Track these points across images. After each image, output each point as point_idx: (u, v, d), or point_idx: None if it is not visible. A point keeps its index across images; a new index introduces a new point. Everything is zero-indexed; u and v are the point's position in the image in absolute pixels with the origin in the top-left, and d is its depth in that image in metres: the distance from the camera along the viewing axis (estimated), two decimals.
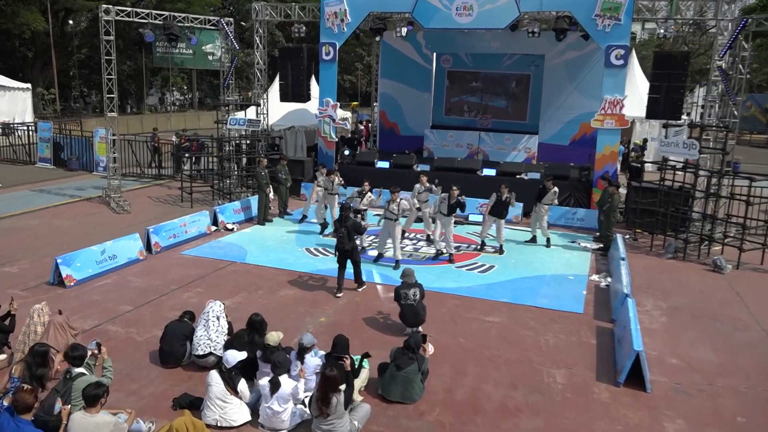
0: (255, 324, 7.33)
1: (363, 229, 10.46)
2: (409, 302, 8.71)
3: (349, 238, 10.01)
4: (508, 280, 11.56)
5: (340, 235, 9.92)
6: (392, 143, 22.77)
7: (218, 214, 14.69)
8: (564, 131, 21.08)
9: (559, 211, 16.31)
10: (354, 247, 10.25)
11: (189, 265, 11.87)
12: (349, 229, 10.00)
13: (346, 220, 10.09)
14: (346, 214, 10.23)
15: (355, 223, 10.29)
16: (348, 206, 10.55)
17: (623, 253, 11.79)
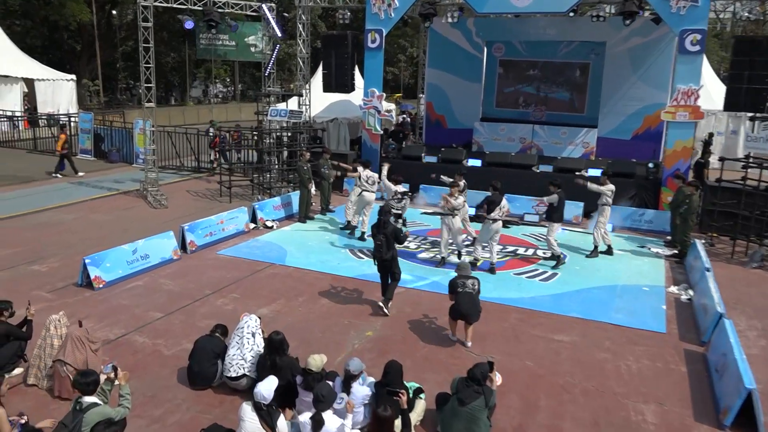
0: (274, 344, 6.37)
1: (404, 237, 9.04)
2: (468, 290, 8.02)
3: (388, 247, 8.75)
4: (576, 291, 10.35)
5: (378, 243, 8.77)
6: (439, 137, 21.62)
7: (257, 211, 13.85)
8: (626, 125, 19.54)
9: (625, 211, 14.92)
10: (394, 258, 8.94)
11: (225, 266, 11.04)
12: (388, 236, 8.75)
13: (385, 226, 8.81)
14: (386, 218, 8.96)
15: (396, 230, 8.93)
16: (388, 209, 9.25)
17: (707, 262, 10.43)
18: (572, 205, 15.12)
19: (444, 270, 11.16)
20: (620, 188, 15.47)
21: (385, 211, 9.02)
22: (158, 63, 55.55)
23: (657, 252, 12.77)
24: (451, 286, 8.15)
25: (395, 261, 8.97)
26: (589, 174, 16.08)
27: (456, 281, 8.11)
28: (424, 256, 11.99)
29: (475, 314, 8.01)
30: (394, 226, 9.02)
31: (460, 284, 8.05)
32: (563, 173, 16.29)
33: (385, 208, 9.16)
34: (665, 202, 15.18)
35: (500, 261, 11.84)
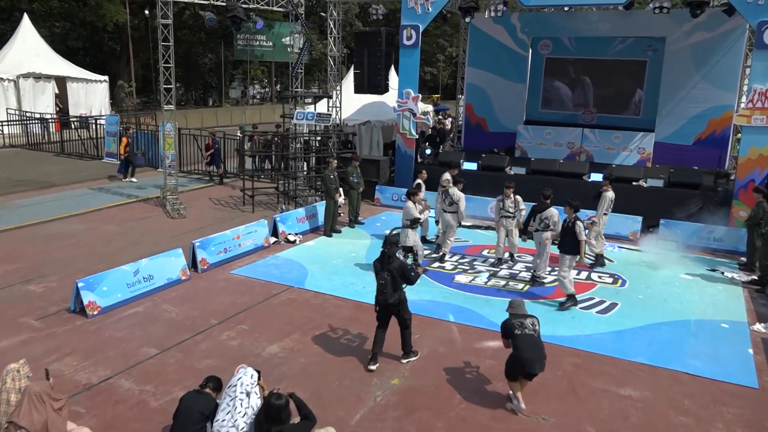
0: (272, 411, 5.04)
1: (415, 276, 7.36)
2: (528, 332, 6.52)
3: (394, 288, 7.11)
4: (641, 327, 8.78)
5: (382, 282, 7.12)
6: (479, 141, 20.10)
7: (278, 224, 12.66)
8: (687, 128, 17.67)
9: (691, 228, 13.19)
10: (402, 301, 7.29)
11: (237, 289, 9.86)
12: (393, 273, 7.14)
13: (390, 261, 7.15)
14: (391, 251, 7.24)
15: (403, 266, 7.25)
16: (394, 240, 7.39)
17: None
18: (629, 219, 13.50)
19: (484, 297, 9.74)
20: (684, 200, 13.84)
21: (390, 242, 7.27)
22: (195, 64, 55.68)
23: (732, 277, 11.05)
24: (506, 329, 6.65)
25: (404, 305, 7.37)
26: (648, 184, 14.41)
27: (511, 323, 6.63)
28: (462, 280, 10.57)
29: (540, 362, 6.49)
30: (401, 261, 7.38)
31: (517, 325, 6.56)
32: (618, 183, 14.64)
33: (390, 238, 7.35)
34: (737, 218, 13.40)
35: (549, 286, 10.35)
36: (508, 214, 11.78)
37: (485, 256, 11.99)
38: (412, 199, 10.63)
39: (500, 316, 8.94)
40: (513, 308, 6.85)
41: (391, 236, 7.33)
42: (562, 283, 9.52)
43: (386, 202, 16.21)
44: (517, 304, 6.93)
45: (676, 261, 12.01)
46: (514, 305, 6.89)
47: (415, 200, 10.55)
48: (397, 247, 7.29)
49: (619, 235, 13.48)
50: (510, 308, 6.88)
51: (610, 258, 12.04)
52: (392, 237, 7.33)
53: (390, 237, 7.31)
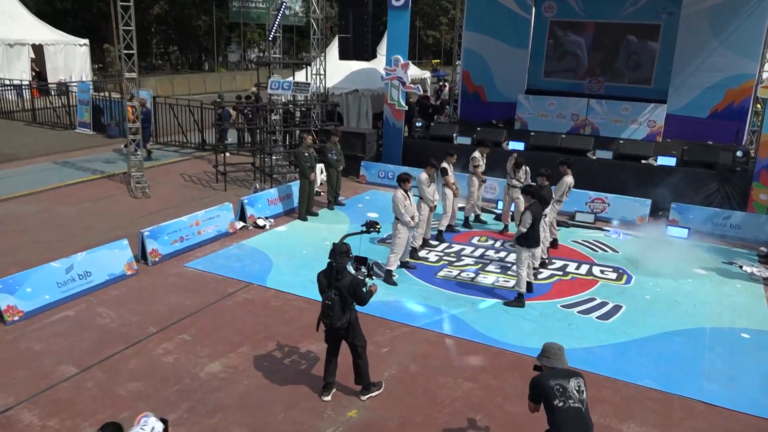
0: None
1: (368, 295, 5.92)
2: (573, 404, 4.32)
3: (343, 309, 5.83)
4: (647, 338, 7.57)
5: (328, 303, 5.78)
6: (476, 111, 18.67)
7: (246, 207, 11.40)
8: (702, 99, 16.18)
9: (705, 212, 11.89)
10: (351, 325, 5.94)
11: (188, 286, 8.68)
12: (342, 292, 5.83)
13: (338, 276, 5.80)
14: (340, 263, 5.81)
15: (355, 283, 5.80)
16: (345, 249, 5.85)
17: None
18: (636, 202, 12.20)
19: (470, 297, 8.53)
20: (698, 181, 12.51)
21: (339, 252, 5.82)
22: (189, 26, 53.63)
23: (751, 272, 9.79)
24: (540, 393, 4.45)
25: (354, 330, 6.02)
26: (658, 163, 13.05)
27: (548, 386, 4.39)
28: (446, 275, 9.36)
29: None
30: (353, 276, 5.88)
31: (556, 392, 4.35)
32: (626, 161, 13.32)
33: (339, 247, 5.87)
34: (757, 202, 12.09)
35: (545, 284, 9.12)
36: (518, 183, 10.57)
37: (475, 245, 10.74)
38: (403, 187, 8.98)
39: (486, 322, 7.83)
40: (548, 359, 4.65)
41: (340, 245, 5.92)
42: (518, 280, 8.32)
43: (372, 179, 14.91)
44: (553, 352, 4.68)
45: (688, 251, 10.76)
46: (550, 354, 4.67)
47: (406, 188, 8.98)
48: (347, 258, 5.90)
49: (626, 220, 12.19)
50: (543, 358, 4.68)
51: (614, 247, 10.79)
52: (342, 246, 5.91)
53: (339, 246, 5.90)
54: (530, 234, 8.09)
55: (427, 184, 9.76)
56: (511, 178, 11.07)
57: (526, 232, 8.07)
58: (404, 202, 8.76)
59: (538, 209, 8.16)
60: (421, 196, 9.85)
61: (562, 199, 10.08)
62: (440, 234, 10.90)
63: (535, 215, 8.04)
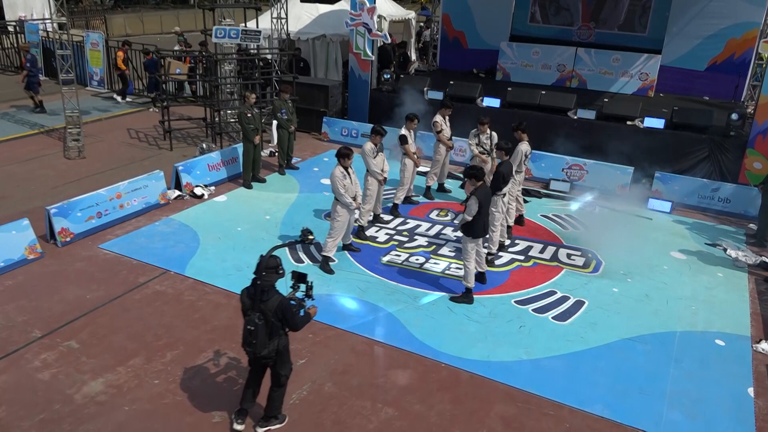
0: None
1: (304, 319, 4.95)
2: None
3: (268, 335, 4.79)
4: (606, 346, 6.61)
5: (250, 328, 4.73)
6: (457, 59, 17.26)
7: (181, 175, 10.26)
8: (700, 50, 14.77)
9: (691, 183, 10.77)
10: (280, 352, 4.94)
11: (95, 275, 7.66)
12: (268, 316, 4.77)
13: (263, 296, 4.77)
14: (267, 281, 4.78)
15: (284, 306, 4.77)
16: (272, 264, 4.78)
17: None
18: (617, 170, 11.06)
19: (413, 290, 7.53)
20: (688, 146, 11.33)
21: (267, 268, 4.76)
22: None
23: (735, 257, 8.76)
24: None
25: (282, 357, 5.02)
26: (645, 125, 11.81)
27: None
28: (391, 260, 8.33)
29: None
30: (283, 297, 4.82)
31: None
32: (610, 122, 12.07)
33: (267, 261, 4.78)
34: (750, 171, 10.96)
35: (502, 271, 8.11)
36: (484, 150, 9.46)
37: (432, 221, 9.67)
38: (342, 164, 7.64)
39: (425, 324, 6.86)
40: None
41: (267, 259, 4.79)
42: (465, 273, 7.31)
43: (334, 137, 13.69)
44: None
45: (669, 229, 9.73)
46: None
47: (346, 164, 7.64)
48: (276, 275, 4.81)
49: (605, 189, 11.07)
50: None
51: (587, 224, 9.72)
52: (269, 260, 4.79)
53: (266, 260, 4.78)
54: (476, 222, 7.00)
55: (372, 154, 8.58)
56: (477, 144, 9.87)
57: (471, 220, 6.99)
58: (343, 181, 7.62)
59: (485, 193, 7.04)
60: (368, 169, 8.70)
61: (520, 170, 8.92)
62: (395, 208, 9.81)
63: (483, 201, 6.92)
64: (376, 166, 8.65)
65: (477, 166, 7.36)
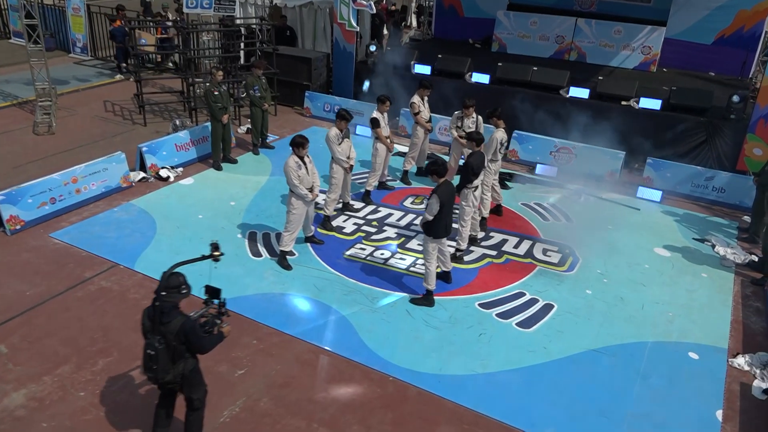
0: None
1: (212, 340, 4.44)
2: None
3: (173, 359, 4.40)
4: (569, 359, 6.19)
5: (150, 353, 4.32)
6: (452, 28, 16.49)
7: (145, 156, 9.81)
8: (708, 22, 13.88)
9: (684, 171, 10.16)
10: (187, 377, 4.50)
11: (41, 268, 7.31)
12: (169, 340, 4.31)
13: (164, 319, 4.28)
14: (167, 302, 4.30)
15: (187, 329, 4.28)
16: (173, 284, 4.34)
17: None
18: (607, 154, 10.46)
19: (373, 289, 7.11)
20: (685, 129, 10.70)
21: (169, 287, 4.31)
22: None
23: (723, 255, 8.22)
24: None
25: (191, 381, 4.57)
26: (640, 105, 11.14)
27: None
28: (355, 254, 7.90)
29: None
30: (186, 319, 4.33)
31: None
32: (604, 101, 11.39)
33: (170, 280, 4.34)
34: (749, 157, 10.32)
35: (469, 269, 7.66)
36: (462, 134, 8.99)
37: (405, 209, 9.19)
38: (297, 153, 7.11)
39: (379, 330, 6.45)
40: None
41: (169, 277, 4.33)
42: (425, 274, 6.87)
43: (317, 113, 13.12)
44: None
45: (657, 221, 9.20)
46: None
47: (301, 154, 7.10)
48: (179, 295, 4.37)
49: (593, 175, 10.49)
50: None
51: (569, 214, 9.20)
52: (171, 278, 4.33)
53: (167, 278, 4.33)
54: (437, 222, 6.53)
55: (337, 140, 8.06)
56: (458, 128, 9.29)
57: (432, 220, 6.51)
58: (297, 172, 7.13)
59: (448, 191, 6.54)
60: (332, 156, 8.20)
61: (496, 158, 8.37)
62: (367, 195, 9.33)
63: (444, 200, 6.43)
64: (341, 153, 8.15)
65: (439, 161, 6.86)
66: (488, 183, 8.46)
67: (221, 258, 4.63)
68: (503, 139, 8.30)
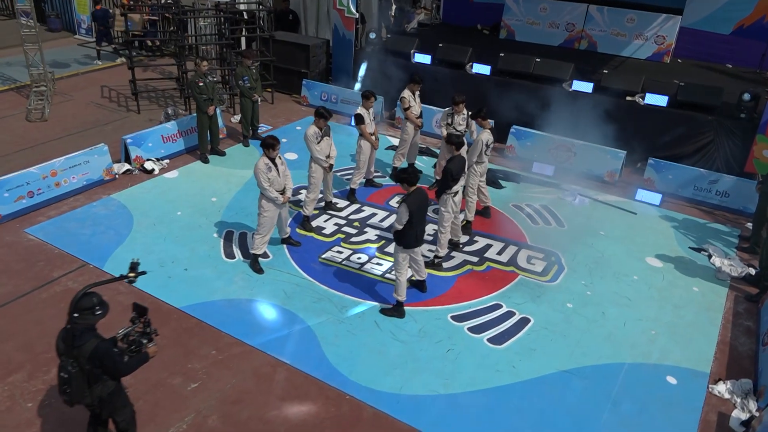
0: None
1: (126, 366, 4.24)
2: None
3: (89, 383, 4.21)
4: (538, 380, 5.91)
5: (63, 376, 4.09)
6: (462, 13, 16.04)
7: (129, 148, 9.66)
8: (726, 11, 13.22)
9: (687, 173, 9.68)
10: (105, 401, 4.30)
11: (11, 266, 7.24)
12: (82, 364, 4.10)
13: (75, 340, 4.05)
14: (79, 324, 4.05)
15: (101, 353, 4.07)
16: (87, 305, 4.07)
17: None
18: (608, 153, 10.03)
19: (343, 297, 6.89)
20: (692, 128, 10.19)
21: (79, 309, 4.06)
22: None
23: (719, 267, 7.80)
24: None
25: (111, 404, 4.37)
26: (645, 101, 10.64)
27: None
28: (330, 258, 7.67)
29: None
30: (99, 342, 4.10)
31: None
32: (608, 96, 10.88)
33: (78, 302, 4.05)
34: (758, 159, 9.81)
35: (446, 277, 7.38)
36: (456, 132, 8.65)
37: (390, 209, 8.91)
38: (267, 154, 6.86)
39: (343, 343, 6.23)
40: None
41: (81, 297, 4.09)
42: (396, 285, 6.61)
43: (314, 102, 12.82)
44: None
45: (653, 227, 8.81)
46: None
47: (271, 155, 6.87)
48: (93, 317, 4.13)
49: (592, 175, 10.09)
50: None
51: (562, 218, 8.84)
52: (84, 299, 4.09)
53: (79, 299, 4.07)
54: (406, 232, 6.25)
55: (316, 139, 7.79)
56: (448, 125, 8.93)
57: (402, 229, 6.24)
58: (267, 174, 6.90)
59: (418, 200, 6.24)
60: (311, 156, 7.94)
61: (482, 160, 8.02)
62: (351, 193, 9.07)
63: (414, 209, 6.14)
64: (320, 153, 7.88)
65: (408, 169, 6.54)
66: (474, 185, 8.14)
67: (136, 280, 4.38)
68: (489, 141, 7.94)
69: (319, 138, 7.84)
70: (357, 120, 8.67)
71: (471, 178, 8.02)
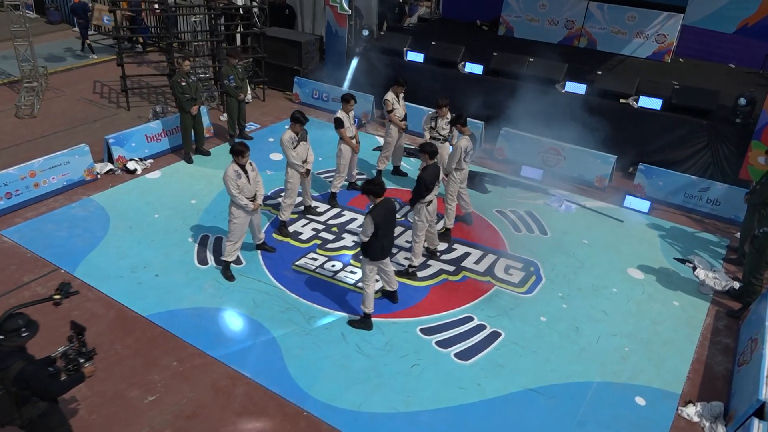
0: None
1: (58, 387, 4.21)
2: None
3: (17, 404, 4.11)
4: (502, 399, 5.78)
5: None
6: (461, 8, 15.78)
7: (112, 148, 9.60)
8: (730, 9, 12.83)
9: (677, 179, 9.45)
10: (35, 422, 4.24)
11: None
12: (6, 385, 4.05)
13: (1, 363, 4.03)
14: (8, 346, 4.07)
15: (27, 374, 4.04)
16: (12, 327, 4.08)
17: None
18: (598, 158, 9.81)
19: (312, 306, 6.80)
20: (685, 133, 9.94)
21: (8, 330, 4.06)
22: None
23: (703, 280, 7.58)
24: None
25: (45, 425, 4.30)
26: (639, 104, 10.38)
27: None
28: (304, 265, 7.58)
29: None
30: (26, 364, 4.06)
31: None
32: (601, 98, 10.64)
33: (4, 323, 4.13)
34: (753, 165, 9.54)
35: (420, 287, 7.25)
36: (439, 136, 8.60)
37: None
38: (237, 161, 6.78)
39: (305, 357, 6.13)
40: None
41: (7, 319, 4.05)
42: (363, 297, 6.49)
43: (305, 99, 12.71)
44: None
45: (638, 236, 8.60)
46: None
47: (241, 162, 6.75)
48: (19, 338, 4.09)
49: (582, 180, 9.89)
50: None
51: (546, 226, 8.66)
52: (9, 321, 4.05)
53: (5, 321, 4.04)
54: (372, 245, 6.13)
55: (292, 144, 7.67)
56: (431, 128, 8.76)
57: (368, 241, 6.12)
58: (236, 181, 6.80)
59: (384, 212, 6.11)
60: (288, 161, 7.83)
61: (461, 167, 7.84)
62: (332, 197, 8.94)
63: (380, 221, 6.01)
64: (296, 158, 7.77)
65: (375, 180, 6.40)
66: (453, 192, 7.99)
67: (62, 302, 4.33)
68: (468, 148, 7.76)
69: (296, 143, 7.72)
70: (337, 124, 8.53)
71: (450, 185, 7.87)
